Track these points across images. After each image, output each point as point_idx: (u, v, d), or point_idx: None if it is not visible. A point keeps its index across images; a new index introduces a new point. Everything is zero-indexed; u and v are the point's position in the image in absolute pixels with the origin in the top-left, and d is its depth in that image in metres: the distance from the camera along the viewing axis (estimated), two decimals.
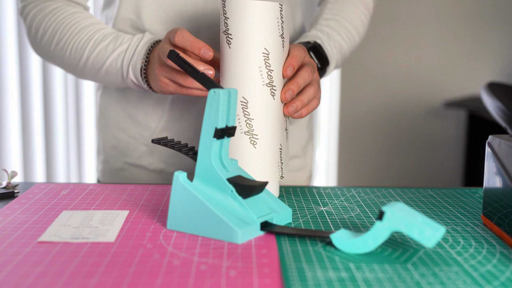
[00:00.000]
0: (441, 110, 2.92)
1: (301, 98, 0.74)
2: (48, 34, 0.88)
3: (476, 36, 2.88)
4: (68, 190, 0.79)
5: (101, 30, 0.87)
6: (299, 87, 0.73)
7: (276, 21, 0.71)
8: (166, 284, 0.48)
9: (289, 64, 0.73)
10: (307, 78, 0.75)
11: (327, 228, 0.64)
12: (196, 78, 0.67)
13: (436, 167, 2.98)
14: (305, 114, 0.76)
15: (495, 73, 2.90)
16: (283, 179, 0.87)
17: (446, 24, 2.86)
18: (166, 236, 0.61)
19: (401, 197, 0.78)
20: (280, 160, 0.74)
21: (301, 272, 0.51)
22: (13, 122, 1.79)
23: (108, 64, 0.85)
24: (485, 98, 1.76)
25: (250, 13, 0.70)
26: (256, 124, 0.71)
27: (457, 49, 2.88)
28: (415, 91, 2.91)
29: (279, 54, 0.72)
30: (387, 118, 2.94)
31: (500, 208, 0.62)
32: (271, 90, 0.71)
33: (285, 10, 0.73)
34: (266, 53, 0.71)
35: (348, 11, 0.95)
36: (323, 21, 0.93)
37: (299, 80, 0.74)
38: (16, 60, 1.76)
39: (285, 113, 0.74)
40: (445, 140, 2.97)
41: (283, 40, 0.72)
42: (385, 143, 2.96)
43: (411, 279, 0.50)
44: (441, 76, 2.90)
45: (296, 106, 0.73)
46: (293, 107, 0.73)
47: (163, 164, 0.96)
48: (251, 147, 0.72)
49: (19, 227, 0.63)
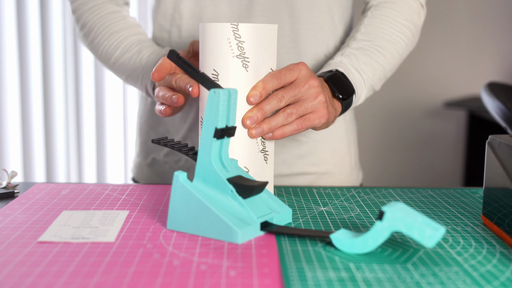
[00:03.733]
0: (441, 110, 2.92)
1: (268, 121, 0.70)
2: (85, 30, 0.94)
3: (476, 36, 2.88)
4: (68, 190, 0.79)
5: (129, 38, 0.91)
6: (263, 114, 0.69)
7: (227, 42, 0.68)
8: (166, 284, 0.48)
9: (257, 90, 0.68)
10: (275, 105, 0.69)
11: (327, 228, 0.64)
12: (196, 78, 0.67)
13: (436, 167, 2.98)
14: (283, 136, 0.71)
15: (495, 73, 2.90)
16: None
17: (446, 24, 2.86)
18: (166, 236, 0.61)
19: (401, 197, 0.78)
20: (264, 148, 0.72)
21: (301, 272, 0.51)
22: (13, 122, 1.79)
23: (129, 76, 0.91)
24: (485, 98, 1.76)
25: (202, 35, 0.70)
26: None
27: (457, 49, 2.88)
28: (415, 91, 2.91)
29: (230, 75, 0.68)
30: (387, 118, 2.94)
31: (500, 208, 0.62)
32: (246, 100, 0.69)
33: (251, 29, 0.68)
34: (215, 74, 0.69)
35: (385, 27, 0.89)
36: (354, 43, 0.87)
37: (265, 106, 0.69)
38: (16, 60, 1.76)
39: (250, 137, 0.70)
40: (445, 140, 2.97)
41: (243, 60, 0.68)
42: (385, 143, 2.96)
43: (411, 279, 0.50)
44: (441, 76, 2.90)
45: (262, 129, 0.69)
46: (258, 129, 0.69)
47: None
48: None
49: (19, 227, 0.63)
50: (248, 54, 0.68)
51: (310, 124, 0.73)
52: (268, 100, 0.69)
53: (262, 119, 0.69)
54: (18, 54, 1.78)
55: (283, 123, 0.70)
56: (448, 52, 2.88)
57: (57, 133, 1.95)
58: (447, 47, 2.88)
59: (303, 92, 0.71)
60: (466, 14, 2.86)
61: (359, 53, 0.86)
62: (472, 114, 2.78)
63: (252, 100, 0.68)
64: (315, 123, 0.73)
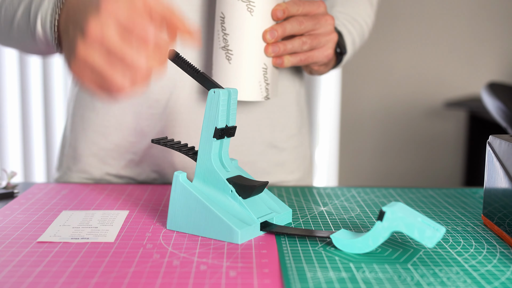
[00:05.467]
0: (441, 110, 2.92)
1: (284, 42, 0.73)
2: None
3: (476, 36, 2.88)
4: (68, 190, 0.78)
5: None
6: (284, 31, 0.72)
7: None
8: (166, 284, 0.48)
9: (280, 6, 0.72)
10: (295, 27, 0.73)
11: (327, 228, 0.64)
12: (195, 78, 0.67)
13: (436, 167, 2.98)
14: (288, 64, 0.75)
15: (495, 73, 2.90)
16: None
17: (446, 24, 2.86)
18: (166, 236, 0.61)
19: (401, 197, 0.78)
20: (265, 80, 0.74)
21: (301, 272, 0.51)
22: (13, 122, 1.79)
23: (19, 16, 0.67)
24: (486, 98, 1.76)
25: None
26: (232, 39, 0.72)
27: (457, 49, 2.88)
28: (415, 91, 2.91)
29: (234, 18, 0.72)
30: (387, 118, 2.94)
31: (501, 208, 0.62)
32: (247, 6, 0.71)
33: None
34: (222, 16, 0.72)
35: (359, 7, 0.93)
36: (339, 14, 0.90)
37: (286, 25, 0.72)
38: (16, 60, 1.76)
39: (266, 54, 0.73)
40: (445, 140, 2.97)
41: (248, 4, 0.72)
42: (385, 143, 2.96)
43: (411, 279, 0.50)
44: (441, 76, 2.90)
45: (279, 48, 0.72)
46: (275, 47, 0.72)
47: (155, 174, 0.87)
48: (226, 62, 0.73)
49: (18, 227, 0.63)
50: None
51: (314, 60, 0.77)
52: (290, 21, 0.73)
53: (281, 37, 0.73)
54: (18, 54, 1.78)
55: (297, 50, 0.74)
56: (448, 52, 2.88)
57: (57, 133, 1.95)
58: (448, 47, 2.88)
59: (321, 24, 0.75)
60: (466, 14, 2.86)
61: (346, 22, 0.89)
62: (472, 114, 2.78)
63: (278, 14, 0.72)
64: (318, 59, 0.77)
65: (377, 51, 2.85)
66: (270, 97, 0.76)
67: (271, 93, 0.76)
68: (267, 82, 0.75)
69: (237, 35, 0.72)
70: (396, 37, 2.86)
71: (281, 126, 0.90)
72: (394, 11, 2.83)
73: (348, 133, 2.93)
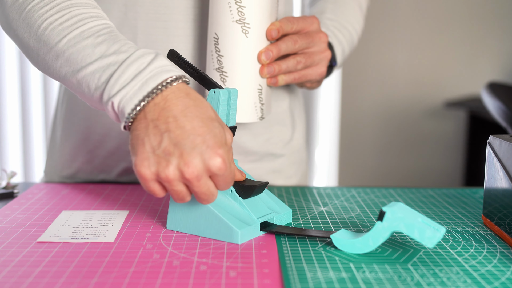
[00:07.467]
0: (441, 110, 2.91)
1: (279, 63, 0.73)
2: None
3: (476, 36, 2.88)
4: (68, 190, 0.78)
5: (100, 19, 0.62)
6: (279, 51, 0.72)
7: (228, 6, 0.70)
8: (166, 284, 0.48)
9: (275, 26, 0.72)
10: (290, 46, 0.73)
11: (327, 228, 0.64)
12: (195, 78, 0.67)
13: (436, 167, 2.98)
14: (282, 83, 0.75)
15: (495, 73, 2.90)
16: None
17: (446, 24, 2.86)
18: (166, 236, 0.60)
19: (401, 197, 0.78)
20: (260, 100, 0.74)
21: (301, 272, 0.51)
22: (13, 122, 1.79)
23: (89, 72, 0.58)
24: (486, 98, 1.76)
25: None
26: (226, 61, 0.72)
27: (457, 49, 2.88)
28: (415, 91, 2.91)
29: (229, 40, 0.71)
30: (387, 118, 2.94)
31: (501, 208, 0.62)
32: (243, 28, 0.71)
33: None
34: (216, 38, 0.71)
35: (349, 13, 0.92)
36: (329, 21, 0.89)
37: (281, 45, 0.72)
38: (16, 60, 1.76)
39: (261, 75, 0.73)
40: (445, 140, 2.97)
41: (243, 26, 0.71)
42: (385, 143, 2.96)
43: (411, 279, 0.50)
44: (441, 76, 2.90)
45: (274, 69, 0.72)
46: (270, 68, 0.72)
47: None
48: (221, 83, 0.72)
49: (18, 227, 0.63)
50: (249, 20, 0.70)
51: (307, 78, 0.77)
52: (284, 40, 0.73)
53: (276, 57, 0.72)
54: (18, 54, 1.78)
55: (291, 70, 0.74)
56: (448, 52, 2.88)
57: None
58: (448, 47, 2.88)
59: (315, 42, 0.75)
60: (466, 14, 2.86)
61: (336, 30, 0.88)
62: (472, 114, 2.78)
63: (273, 34, 0.72)
64: (312, 77, 0.77)
65: (377, 51, 2.85)
66: (265, 116, 0.76)
67: (265, 112, 0.76)
68: (262, 103, 0.74)
69: (232, 57, 0.71)
70: (396, 37, 2.86)
71: (275, 133, 0.90)
72: (394, 11, 2.83)
73: (348, 133, 2.93)
